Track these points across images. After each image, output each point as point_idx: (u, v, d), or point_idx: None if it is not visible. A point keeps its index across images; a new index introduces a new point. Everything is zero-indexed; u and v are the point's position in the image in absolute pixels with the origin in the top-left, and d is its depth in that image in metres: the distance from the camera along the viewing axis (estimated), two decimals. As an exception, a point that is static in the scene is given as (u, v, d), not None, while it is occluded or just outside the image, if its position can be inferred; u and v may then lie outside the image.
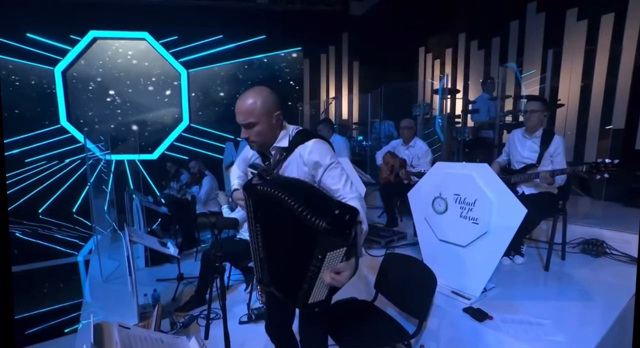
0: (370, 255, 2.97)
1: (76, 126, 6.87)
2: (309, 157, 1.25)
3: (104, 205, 5.43)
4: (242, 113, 1.24)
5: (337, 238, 1.03)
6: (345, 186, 1.25)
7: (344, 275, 1.07)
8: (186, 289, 3.09)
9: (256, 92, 1.24)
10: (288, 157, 1.29)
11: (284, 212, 1.08)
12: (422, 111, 5.36)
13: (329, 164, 1.25)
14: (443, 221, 2.19)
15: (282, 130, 1.31)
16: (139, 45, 7.01)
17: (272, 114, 1.25)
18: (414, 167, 3.68)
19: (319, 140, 1.29)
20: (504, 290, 2.15)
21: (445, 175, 2.19)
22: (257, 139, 1.27)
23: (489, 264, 1.98)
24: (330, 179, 1.25)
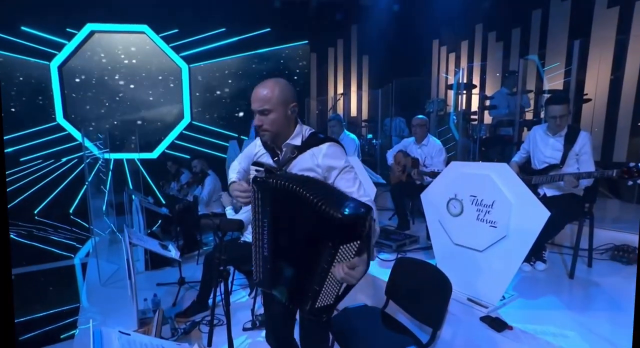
0: (380, 259, 2.97)
1: (73, 123, 6.95)
2: (324, 161, 1.29)
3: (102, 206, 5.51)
4: (258, 100, 1.29)
5: (352, 230, 1.05)
6: (359, 190, 1.30)
7: (357, 270, 1.08)
8: (187, 294, 3.12)
9: (275, 81, 1.31)
10: (298, 157, 1.32)
11: (296, 205, 1.11)
12: (435, 107, 5.34)
13: (343, 167, 1.30)
14: (458, 224, 2.18)
15: (295, 126, 1.37)
16: (138, 39, 7.08)
17: (289, 105, 1.31)
18: (427, 166, 3.69)
19: (334, 144, 1.34)
20: (525, 299, 2.13)
21: (460, 175, 2.18)
22: (271, 128, 1.31)
23: (508, 270, 1.96)
24: (344, 182, 1.30)
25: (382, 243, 3.26)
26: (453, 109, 5.77)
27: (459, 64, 7.28)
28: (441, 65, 7.73)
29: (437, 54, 7.80)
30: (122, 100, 7.15)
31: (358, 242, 1.07)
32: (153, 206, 4.38)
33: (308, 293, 1.15)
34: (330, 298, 1.16)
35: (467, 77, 6.81)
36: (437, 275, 1.77)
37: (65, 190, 6.94)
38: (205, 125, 7.52)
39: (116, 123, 7.17)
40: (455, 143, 5.46)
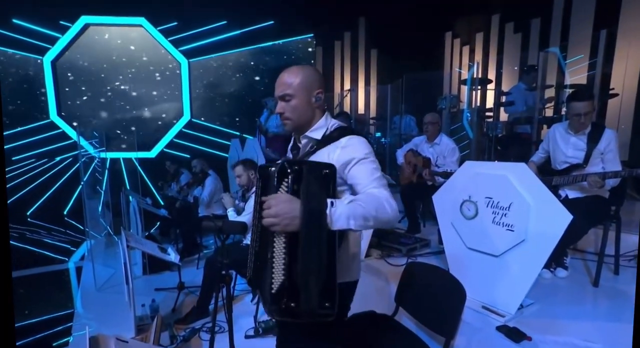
0: (390, 264, 2.97)
1: (67, 121, 7.02)
2: (340, 156, 1.21)
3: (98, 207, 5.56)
4: (280, 84, 1.29)
5: (283, 173, 1.06)
6: (374, 180, 1.18)
7: (271, 199, 1.03)
8: (187, 299, 3.15)
9: (300, 66, 1.31)
10: (317, 152, 1.28)
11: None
12: (448, 104, 5.32)
13: (361, 158, 1.20)
14: (473, 227, 2.17)
15: (321, 116, 1.33)
16: (135, 32, 7.14)
17: (312, 91, 1.29)
18: (439, 166, 3.69)
19: (356, 136, 1.26)
20: (545, 307, 2.12)
21: (475, 176, 2.18)
22: (292, 116, 1.29)
23: (526, 277, 1.96)
24: (358, 172, 1.20)
25: (392, 247, 3.26)
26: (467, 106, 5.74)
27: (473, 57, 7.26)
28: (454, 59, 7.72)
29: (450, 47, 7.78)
30: (118, 97, 7.21)
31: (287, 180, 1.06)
32: (151, 207, 4.42)
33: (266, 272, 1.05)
34: (281, 275, 1.02)
35: (482, 71, 6.79)
36: (450, 281, 1.77)
37: (60, 191, 7.01)
38: (206, 123, 7.56)
39: (113, 120, 7.23)
40: (469, 142, 5.43)
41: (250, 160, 3.20)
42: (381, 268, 2.93)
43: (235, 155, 5.67)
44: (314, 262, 1.01)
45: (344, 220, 1.04)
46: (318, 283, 1.02)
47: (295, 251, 1.02)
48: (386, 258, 3.09)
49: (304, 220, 1.01)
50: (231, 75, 7.58)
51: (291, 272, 1.01)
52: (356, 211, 1.06)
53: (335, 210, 1.04)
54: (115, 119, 7.24)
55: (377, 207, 1.09)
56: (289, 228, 1.01)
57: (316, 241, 1.02)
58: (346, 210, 1.05)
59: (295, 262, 1.01)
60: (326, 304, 1.02)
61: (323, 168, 1.10)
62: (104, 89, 7.14)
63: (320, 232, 1.02)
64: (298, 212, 1.01)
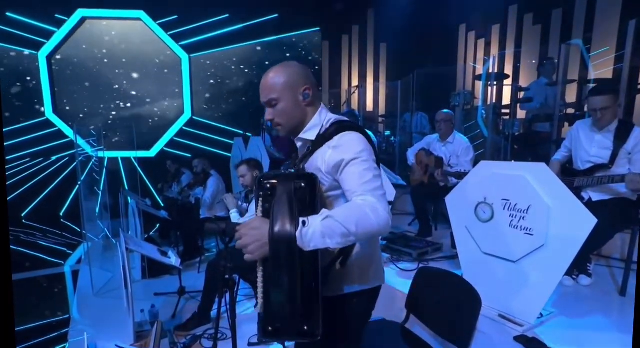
0: (400, 268, 2.97)
1: (64, 119, 7.07)
2: (330, 158, 1.16)
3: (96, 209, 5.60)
4: (263, 90, 1.25)
5: (260, 188, 1.09)
6: (363, 184, 1.10)
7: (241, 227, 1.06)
8: (188, 305, 3.17)
9: (281, 65, 1.26)
10: (315, 153, 1.23)
11: None
12: (462, 101, 5.30)
13: (352, 158, 1.13)
14: (488, 231, 2.17)
15: (314, 113, 1.27)
16: (133, 26, 7.18)
17: (298, 89, 1.23)
18: (452, 166, 3.68)
19: (349, 133, 1.18)
20: (566, 317, 2.10)
21: (491, 177, 2.17)
22: (282, 120, 1.25)
23: (546, 284, 1.94)
24: (347, 176, 1.13)
25: (401, 251, 3.26)
26: (481, 103, 5.72)
27: (489, 51, 7.21)
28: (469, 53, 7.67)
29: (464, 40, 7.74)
30: (116, 94, 7.27)
31: (260, 200, 1.09)
32: (151, 209, 4.45)
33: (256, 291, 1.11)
34: (260, 296, 1.07)
35: (499, 66, 6.74)
36: (464, 288, 1.76)
37: (55, 191, 7.07)
38: (208, 121, 7.60)
39: (110, 118, 7.29)
40: (483, 140, 5.41)
41: (255, 159, 3.21)
42: (391, 273, 2.93)
43: (239, 155, 5.70)
44: (285, 287, 1.02)
45: (319, 239, 1.01)
46: (294, 307, 1.03)
47: (269, 274, 1.05)
48: (396, 263, 3.09)
49: (270, 246, 1.01)
50: (234, 71, 7.60)
51: (269, 296, 1.05)
52: (332, 228, 1.02)
53: (308, 230, 1.01)
54: (113, 117, 7.30)
55: (357, 220, 1.03)
56: (264, 255, 1.03)
57: (286, 265, 1.02)
58: (320, 228, 1.01)
59: (270, 286, 1.05)
60: (305, 328, 1.04)
61: (298, 180, 1.07)
62: (102, 85, 7.19)
63: (289, 255, 1.01)
64: (267, 235, 1.02)
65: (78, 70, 7.09)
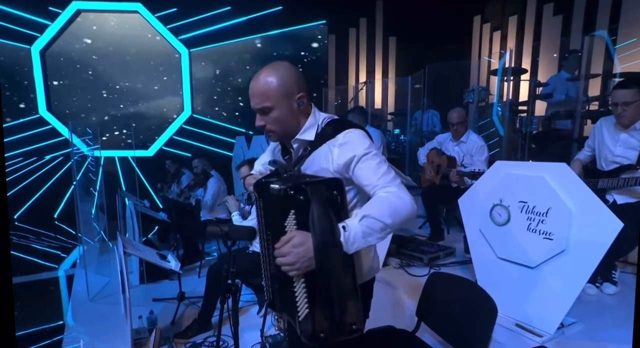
0: (410, 274, 2.97)
1: (58, 116, 7.13)
2: (339, 154, 1.22)
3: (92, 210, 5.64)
4: (255, 95, 1.25)
5: (286, 200, 1.09)
6: (381, 177, 1.19)
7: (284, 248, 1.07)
8: (188, 311, 3.19)
9: (272, 68, 1.25)
10: (313, 153, 1.28)
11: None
12: (476, 97, 5.29)
13: (363, 154, 1.20)
14: (504, 235, 2.16)
15: (308, 117, 1.31)
16: (130, 19, 7.23)
17: (293, 96, 1.25)
18: (466, 166, 3.68)
19: (353, 130, 1.25)
20: (589, 328, 2.09)
21: (507, 177, 2.17)
22: (275, 128, 1.28)
23: (567, 292, 1.93)
24: (362, 172, 1.20)
25: (412, 255, 3.26)
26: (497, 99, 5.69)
27: (505, 44, 7.18)
28: (483, 47, 7.65)
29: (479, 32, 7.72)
30: (113, 90, 7.31)
31: (292, 212, 1.10)
32: (149, 210, 4.48)
33: (291, 301, 1.13)
34: (304, 304, 1.11)
35: (516, 60, 6.70)
36: (478, 295, 1.76)
37: (50, 192, 7.13)
38: (208, 118, 7.63)
39: (107, 116, 7.33)
40: (499, 139, 5.38)
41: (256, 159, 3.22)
42: (400, 279, 2.93)
43: (241, 154, 5.72)
44: (334, 292, 1.09)
45: (361, 240, 1.10)
46: (342, 308, 1.10)
47: (314, 284, 1.10)
48: (406, 268, 3.10)
49: (318, 258, 1.06)
50: (236, 66, 7.63)
51: (314, 304, 1.11)
52: (371, 226, 1.11)
53: (349, 234, 1.08)
54: (109, 114, 7.34)
55: (390, 211, 1.13)
56: (309, 269, 1.08)
57: (334, 272, 1.09)
58: (360, 230, 1.09)
59: (316, 294, 1.10)
60: (353, 326, 1.12)
61: (330, 188, 1.12)
62: (98, 81, 7.23)
63: (336, 262, 1.09)
64: (312, 250, 1.06)
65: (73, 66, 7.13)
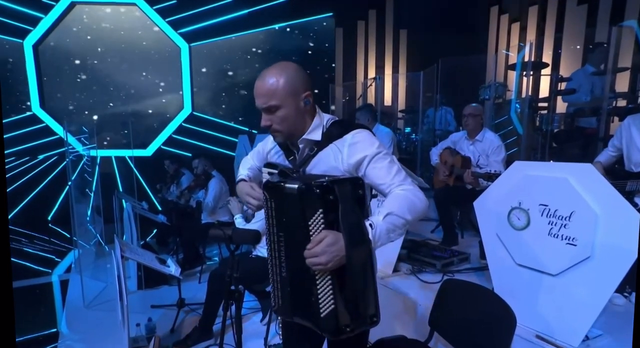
0: (422, 280, 2.96)
1: (52, 114, 7.16)
2: (349, 154, 1.30)
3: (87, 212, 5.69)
4: (261, 95, 1.30)
5: (311, 199, 1.15)
6: (395, 176, 1.29)
7: (318, 247, 1.12)
8: (188, 318, 3.22)
9: (279, 68, 1.31)
10: (319, 153, 1.35)
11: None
12: (492, 93, 5.26)
13: (375, 154, 1.29)
14: (523, 240, 2.15)
15: (313, 118, 1.38)
16: (128, 12, 7.26)
17: (300, 95, 1.31)
18: (482, 167, 3.67)
19: (361, 130, 1.34)
20: (617, 341, 2.06)
21: (526, 179, 2.16)
22: (282, 127, 1.33)
23: (593, 302, 1.91)
24: (375, 172, 1.29)
25: (424, 261, 3.25)
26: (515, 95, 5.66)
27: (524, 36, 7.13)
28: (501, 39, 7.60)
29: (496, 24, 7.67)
30: (110, 87, 7.34)
31: (320, 211, 1.15)
32: (148, 213, 4.52)
33: (311, 300, 1.20)
34: (329, 301, 1.18)
35: (536, 53, 6.65)
36: (495, 304, 1.75)
37: (43, 193, 7.17)
38: (209, 116, 7.65)
39: (103, 113, 7.35)
40: (517, 138, 5.35)
41: None
42: (412, 285, 2.92)
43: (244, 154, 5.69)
44: (360, 286, 1.19)
45: (385, 236, 1.21)
46: (365, 301, 1.21)
47: (342, 280, 1.17)
48: (417, 274, 3.08)
49: (349, 256, 1.14)
50: (238, 61, 7.63)
51: (339, 299, 1.18)
52: (394, 223, 1.22)
53: (376, 231, 1.18)
54: (106, 112, 7.36)
55: (409, 208, 1.24)
56: (338, 265, 1.15)
57: (363, 268, 1.19)
58: (385, 227, 1.20)
59: (343, 290, 1.18)
60: (374, 318, 1.24)
61: (355, 187, 1.21)
62: (93, 77, 7.25)
63: (366, 259, 1.19)
64: (344, 248, 1.14)
65: (67, 61, 7.14)
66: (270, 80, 1.28)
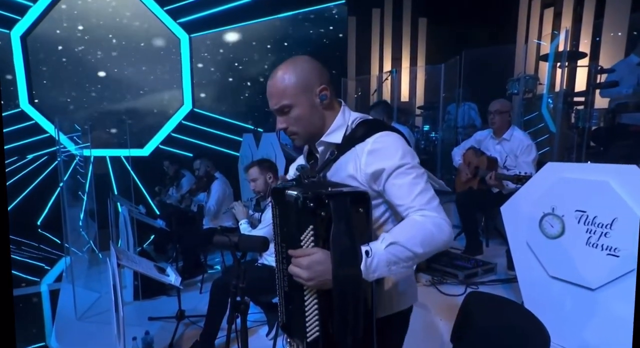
0: (442, 293, 2.96)
1: (42, 111, 7.22)
2: (367, 162, 1.24)
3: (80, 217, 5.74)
4: (272, 95, 1.29)
5: (304, 212, 1.11)
6: (416, 198, 1.20)
7: (302, 260, 1.11)
8: (188, 332, 3.24)
9: (288, 64, 1.29)
10: (340, 158, 1.30)
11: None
12: (522, 88, 5.22)
13: (396, 167, 1.21)
14: (558, 249, 2.14)
15: (335, 114, 1.34)
16: (124, 1, 7.28)
17: (314, 91, 1.28)
18: (509, 168, 3.65)
19: (387, 134, 1.26)
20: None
21: (561, 182, 2.15)
22: (298, 128, 1.31)
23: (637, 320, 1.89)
24: (394, 189, 1.22)
25: (445, 271, 3.25)
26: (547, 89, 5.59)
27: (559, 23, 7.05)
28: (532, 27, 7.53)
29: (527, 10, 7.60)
30: (104, 81, 7.40)
31: (311, 227, 1.12)
32: (146, 217, 4.56)
33: (302, 322, 1.18)
34: (314, 327, 1.16)
35: (572, 42, 6.56)
36: (525, 320, 1.74)
37: (32, 196, 7.23)
38: (212, 113, 7.69)
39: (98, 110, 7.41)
40: (549, 136, 5.29)
41: (268, 160, 3.26)
42: (431, 298, 2.92)
43: (249, 154, 5.76)
44: (349, 319, 1.12)
45: (384, 268, 1.13)
46: (356, 335, 1.14)
47: (329, 307, 1.14)
48: (438, 286, 3.09)
49: (335, 284, 1.10)
50: (242, 54, 7.65)
51: (325, 327, 1.16)
52: (397, 255, 1.14)
53: (372, 261, 1.11)
54: (100, 109, 7.41)
55: (422, 240, 1.15)
56: (323, 288, 1.13)
57: (352, 299, 1.12)
58: (385, 258, 1.12)
59: (329, 317, 1.15)
60: None
61: (355, 203, 1.14)
62: (87, 71, 7.30)
63: (354, 290, 1.12)
64: (330, 272, 1.10)
65: (58, 53, 7.18)
66: (279, 79, 1.27)
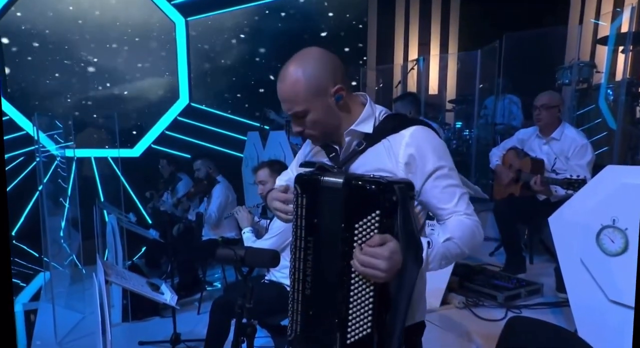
0: (478, 317, 2.95)
1: (18, 105, 7.29)
2: (407, 153, 1.31)
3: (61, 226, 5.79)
4: (284, 100, 1.35)
5: (365, 197, 1.18)
6: (459, 202, 1.33)
7: (382, 249, 1.13)
8: (184, 358, 3.26)
9: (297, 64, 1.32)
10: (368, 150, 1.37)
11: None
12: (575, 77, 5.19)
13: (438, 167, 1.31)
14: (619, 269, 2.13)
15: (353, 108, 1.40)
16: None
17: (328, 91, 1.33)
18: (559, 173, 3.62)
19: (424, 128, 1.36)
20: None
21: (624, 188, 2.14)
22: (315, 132, 1.38)
23: None
24: (436, 191, 1.33)
25: (481, 292, 3.24)
26: (606, 78, 5.54)
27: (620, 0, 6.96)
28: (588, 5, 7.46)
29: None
30: (89, 72, 7.47)
31: (377, 213, 1.16)
32: (136, 227, 4.60)
33: (334, 321, 1.23)
34: (363, 324, 1.20)
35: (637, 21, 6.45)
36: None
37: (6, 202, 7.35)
38: (211, 109, 7.76)
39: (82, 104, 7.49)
40: (608, 134, 5.23)
41: (278, 161, 3.28)
42: (466, 322, 2.93)
43: (254, 154, 5.81)
44: (403, 310, 1.24)
45: (437, 261, 1.26)
46: (401, 329, 1.25)
47: (387, 299, 1.21)
48: (473, 309, 3.09)
49: (404, 270, 1.18)
50: (248, 40, 7.70)
51: (379, 322, 1.21)
52: (451, 251, 1.28)
53: (432, 251, 1.23)
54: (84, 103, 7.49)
55: (470, 240, 1.32)
56: (379, 281, 1.18)
57: (411, 288, 1.24)
58: (442, 251, 1.26)
59: (385, 311, 1.21)
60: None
61: (411, 192, 1.25)
62: (70, 60, 7.37)
63: (416, 278, 1.25)
64: (401, 262, 1.17)
65: (37, 39, 7.23)
66: (288, 82, 1.32)
